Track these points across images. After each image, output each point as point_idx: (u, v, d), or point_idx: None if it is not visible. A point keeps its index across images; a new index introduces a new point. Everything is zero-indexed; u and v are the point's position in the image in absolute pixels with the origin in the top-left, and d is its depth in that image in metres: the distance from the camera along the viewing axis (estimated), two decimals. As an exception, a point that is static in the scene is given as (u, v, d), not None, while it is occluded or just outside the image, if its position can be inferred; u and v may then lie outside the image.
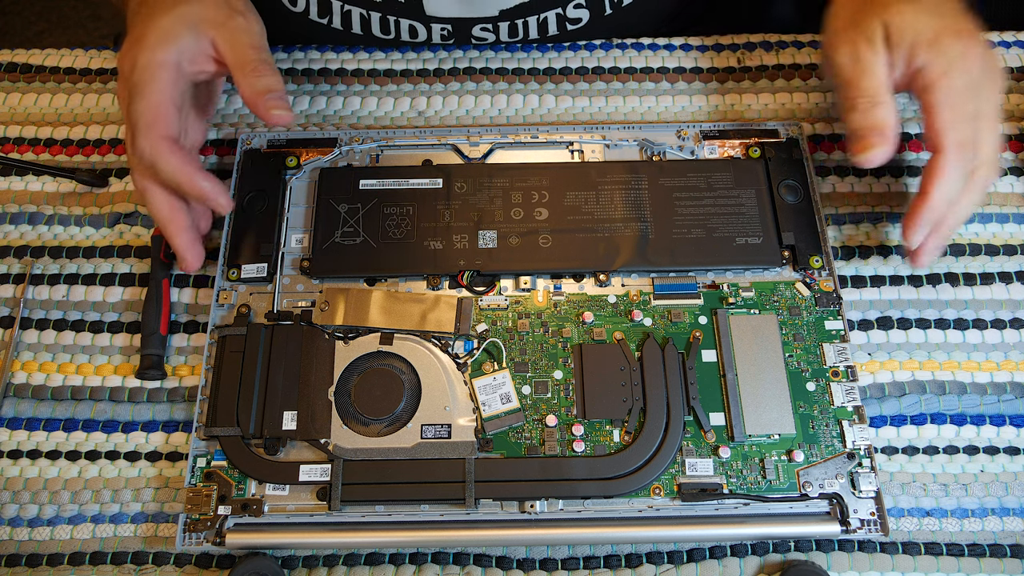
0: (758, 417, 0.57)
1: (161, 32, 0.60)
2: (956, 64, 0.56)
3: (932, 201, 0.56)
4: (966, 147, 0.56)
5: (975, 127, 0.56)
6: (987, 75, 0.57)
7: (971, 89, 0.56)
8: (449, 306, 0.61)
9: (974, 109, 0.56)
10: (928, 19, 0.57)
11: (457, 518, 0.56)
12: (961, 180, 0.56)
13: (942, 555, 0.57)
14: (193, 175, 0.59)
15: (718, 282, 0.62)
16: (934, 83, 0.56)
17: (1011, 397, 0.61)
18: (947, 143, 0.56)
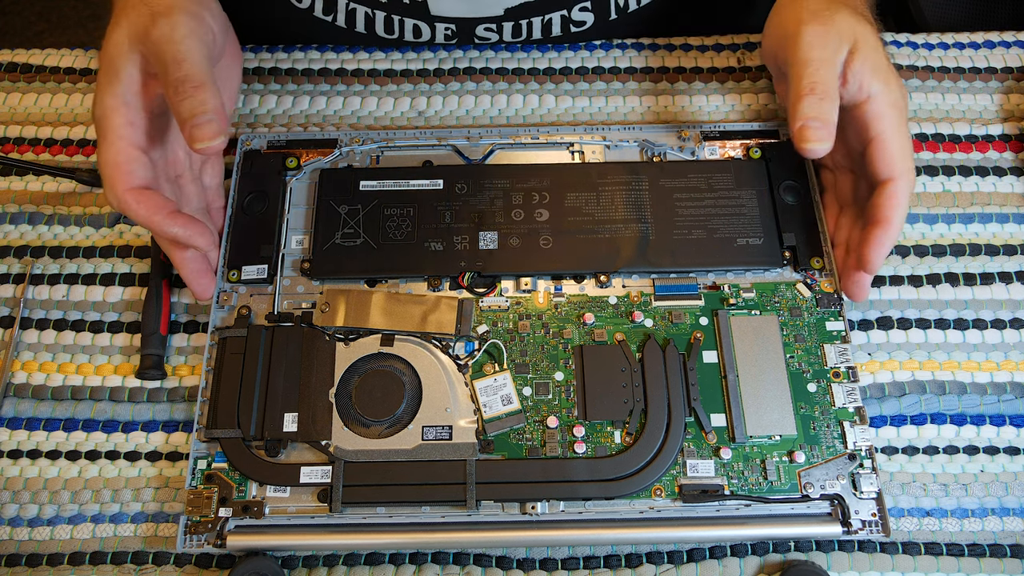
0: (759, 418, 0.57)
1: (105, 67, 0.57)
2: (900, 99, 0.59)
3: (895, 227, 0.57)
4: (913, 172, 0.58)
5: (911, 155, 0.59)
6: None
7: (905, 122, 0.59)
8: (450, 307, 0.61)
9: (909, 139, 0.59)
10: (882, 54, 0.60)
11: (458, 520, 0.56)
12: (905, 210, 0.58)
13: (942, 555, 0.56)
14: (163, 223, 0.56)
15: (719, 283, 0.62)
16: (885, 113, 0.58)
17: (1011, 397, 0.61)
18: (901, 169, 0.57)
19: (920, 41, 0.74)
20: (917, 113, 0.71)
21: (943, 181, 0.68)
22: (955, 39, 0.75)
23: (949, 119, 0.70)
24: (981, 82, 0.72)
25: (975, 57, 0.73)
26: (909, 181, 0.58)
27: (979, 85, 0.72)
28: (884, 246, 0.57)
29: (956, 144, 0.69)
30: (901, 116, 0.59)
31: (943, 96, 0.72)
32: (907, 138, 0.59)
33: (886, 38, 0.74)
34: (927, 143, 0.69)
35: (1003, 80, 0.72)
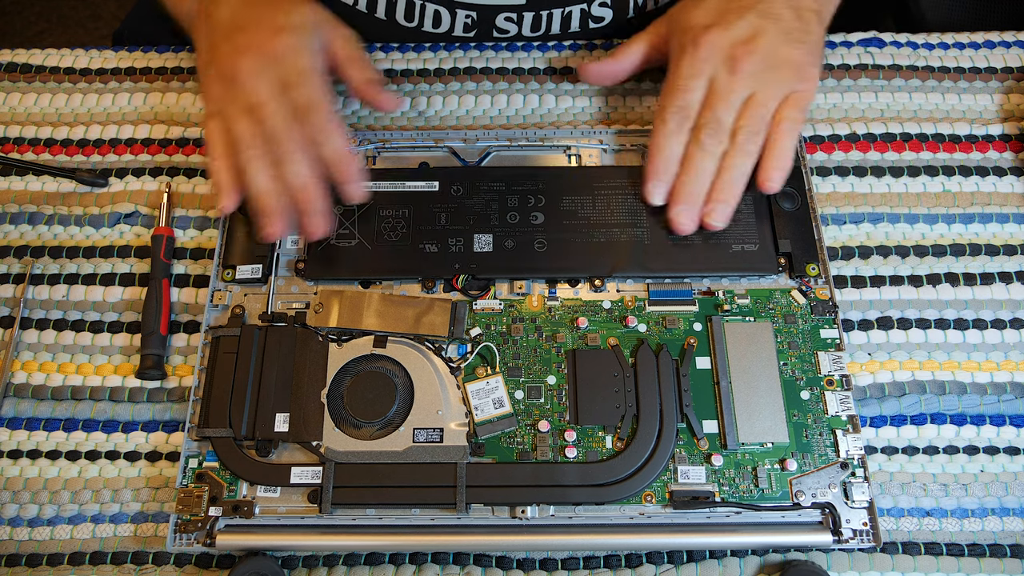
0: (751, 425, 0.57)
1: (298, 22, 0.63)
2: (685, 50, 0.64)
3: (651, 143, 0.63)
4: (664, 111, 0.63)
5: (675, 96, 0.63)
6: (727, 54, 0.63)
7: (689, 71, 0.63)
8: (443, 310, 0.61)
9: (683, 84, 0.63)
10: (697, 11, 0.65)
11: (448, 522, 0.56)
12: (669, 141, 0.62)
13: (942, 555, 0.56)
14: (352, 159, 0.61)
15: (713, 289, 0.62)
16: (673, 59, 0.65)
17: (1011, 397, 0.60)
18: (658, 106, 0.64)
19: (920, 41, 0.74)
20: (917, 113, 0.70)
21: (943, 181, 0.67)
22: (955, 39, 0.74)
23: (949, 119, 0.70)
24: (981, 82, 0.72)
25: (975, 57, 0.73)
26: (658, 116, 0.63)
27: (979, 85, 0.71)
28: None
29: (956, 144, 0.69)
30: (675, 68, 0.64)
31: (943, 96, 0.71)
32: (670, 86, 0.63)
33: (885, 38, 0.74)
34: (927, 143, 0.69)
35: (1003, 80, 0.72)
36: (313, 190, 0.60)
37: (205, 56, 0.64)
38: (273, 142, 0.59)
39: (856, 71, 0.72)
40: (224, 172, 0.61)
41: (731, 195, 0.61)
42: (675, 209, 0.61)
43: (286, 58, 0.61)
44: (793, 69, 0.62)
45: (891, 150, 0.69)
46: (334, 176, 0.61)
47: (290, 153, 0.60)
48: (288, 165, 0.60)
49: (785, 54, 0.62)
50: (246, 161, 0.60)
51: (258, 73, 0.60)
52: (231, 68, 0.61)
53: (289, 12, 0.63)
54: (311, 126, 0.60)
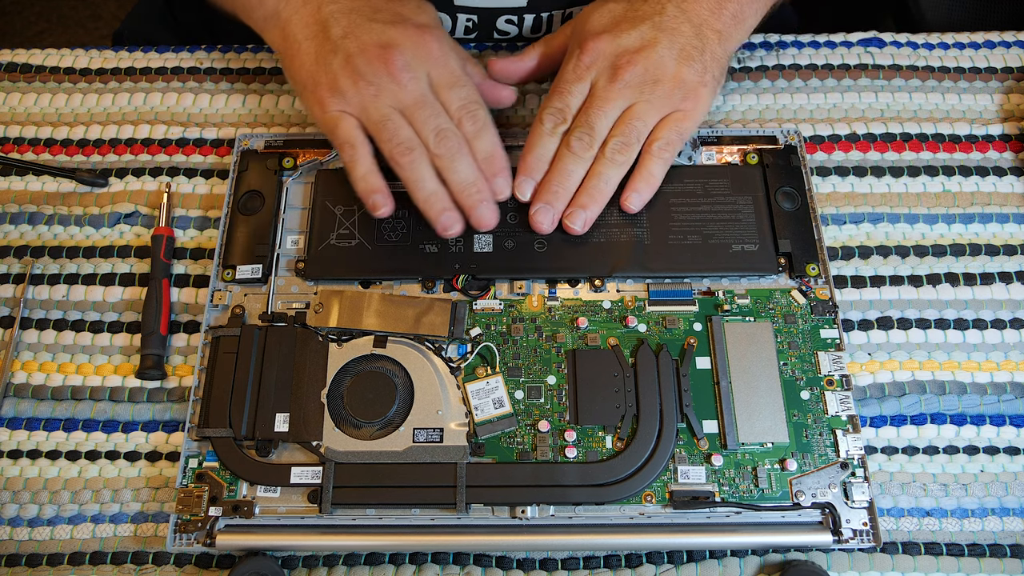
0: (751, 425, 0.57)
1: (436, 20, 0.64)
2: (571, 52, 0.64)
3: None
4: (543, 115, 0.63)
5: (554, 100, 0.63)
6: (614, 63, 0.62)
7: (570, 75, 0.63)
8: (443, 310, 0.61)
9: (562, 88, 0.63)
10: (596, 17, 0.65)
11: (448, 522, 0.56)
12: (543, 147, 0.63)
13: (942, 555, 0.56)
14: (504, 155, 0.62)
15: (713, 289, 0.62)
16: (563, 64, 0.65)
17: (1011, 397, 0.61)
18: (540, 107, 0.64)
19: (920, 41, 0.74)
20: (917, 113, 0.70)
21: (943, 181, 0.67)
22: (955, 39, 0.74)
23: (949, 119, 0.70)
24: (981, 82, 0.72)
25: (975, 57, 0.73)
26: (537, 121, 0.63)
27: (979, 85, 0.72)
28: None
29: (956, 144, 0.69)
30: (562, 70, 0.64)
31: (943, 96, 0.71)
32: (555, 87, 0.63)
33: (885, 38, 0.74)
34: (927, 143, 0.69)
35: (1003, 80, 0.72)
36: (483, 184, 0.61)
37: (319, 46, 0.62)
38: (440, 141, 0.60)
39: (856, 71, 0.72)
40: (375, 175, 0.61)
41: (593, 202, 0.61)
42: (535, 207, 0.62)
43: (438, 57, 0.61)
44: (679, 86, 0.62)
45: (891, 150, 0.69)
46: (487, 170, 0.61)
47: (458, 151, 0.60)
48: (457, 163, 0.60)
49: (673, 70, 0.61)
50: (411, 161, 0.60)
51: (413, 69, 0.60)
52: (381, 63, 0.60)
53: (424, 9, 0.64)
54: (472, 123, 0.61)
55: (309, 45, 0.62)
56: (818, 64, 0.73)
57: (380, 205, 0.61)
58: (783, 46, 0.74)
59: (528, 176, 0.62)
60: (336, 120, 0.61)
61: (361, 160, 0.61)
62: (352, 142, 0.61)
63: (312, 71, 0.62)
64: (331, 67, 0.61)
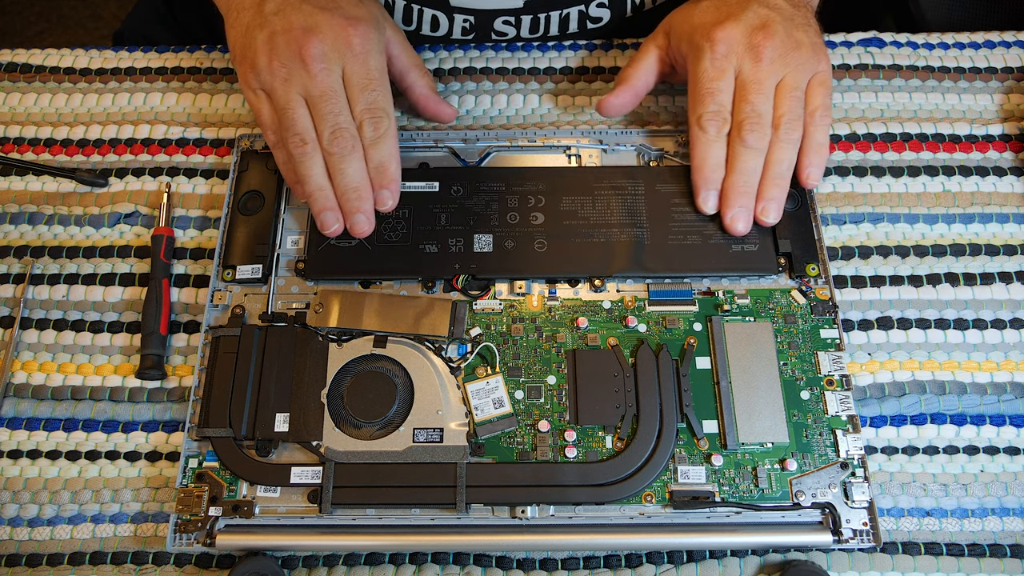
0: (751, 425, 0.57)
1: (370, 15, 0.62)
2: (699, 51, 0.63)
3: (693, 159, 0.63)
4: (702, 120, 0.62)
5: (708, 102, 0.62)
6: (743, 45, 0.62)
7: (710, 70, 0.62)
8: (443, 310, 0.61)
9: (711, 87, 0.62)
10: (699, 14, 0.65)
11: (448, 522, 0.56)
12: (707, 149, 0.62)
13: (942, 555, 0.56)
14: (398, 168, 0.62)
15: (713, 289, 0.62)
16: (688, 71, 0.64)
17: (1011, 397, 0.61)
18: (689, 118, 0.63)
19: (920, 41, 0.74)
20: (917, 113, 0.70)
21: (943, 181, 0.67)
22: (955, 39, 0.74)
23: (949, 119, 0.70)
24: (981, 82, 0.72)
25: (975, 57, 0.73)
26: (695, 126, 0.62)
27: (979, 85, 0.72)
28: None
29: (956, 144, 0.69)
30: (696, 69, 0.63)
31: (943, 96, 0.71)
32: (698, 88, 0.62)
33: (885, 38, 0.74)
34: (927, 143, 0.69)
35: (1003, 80, 0.72)
36: (365, 192, 0.61)
37: (252, 17, 0.62)
38: (335, 138, 0.59)
39: (856, 71, 0.72)
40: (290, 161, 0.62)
41: (782, 190, 0.61)
42: (730, 213, 0.61)
43: (358, 53, 0.60)
44: (810, 49, 0.62)
45: (891, 150, 0.69)
46: (376, 180, 0.61)
47: (349, 152, 0.60)
48: (346, 164, 0.60)
49: (799, 36, 0.62)
50: (303, 154, 0.60)
51: (328, 61, 0.59)
52: (297, 47, 0.59)
53: (363, 1, 0.63)
54: (372, 129, 0.60)
55: (245, 15, 0.62)
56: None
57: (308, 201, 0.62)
58: (783, 46, 0.74)
59: (710, 189, 0.62)
60: (251, 96, 0.62)
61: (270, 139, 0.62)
62: (260, 122, 0.62)
63: (241, 43, 0.62)
64: (255, 41, 0.60)
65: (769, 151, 0.61)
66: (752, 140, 0.60)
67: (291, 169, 0.61)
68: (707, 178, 0.62)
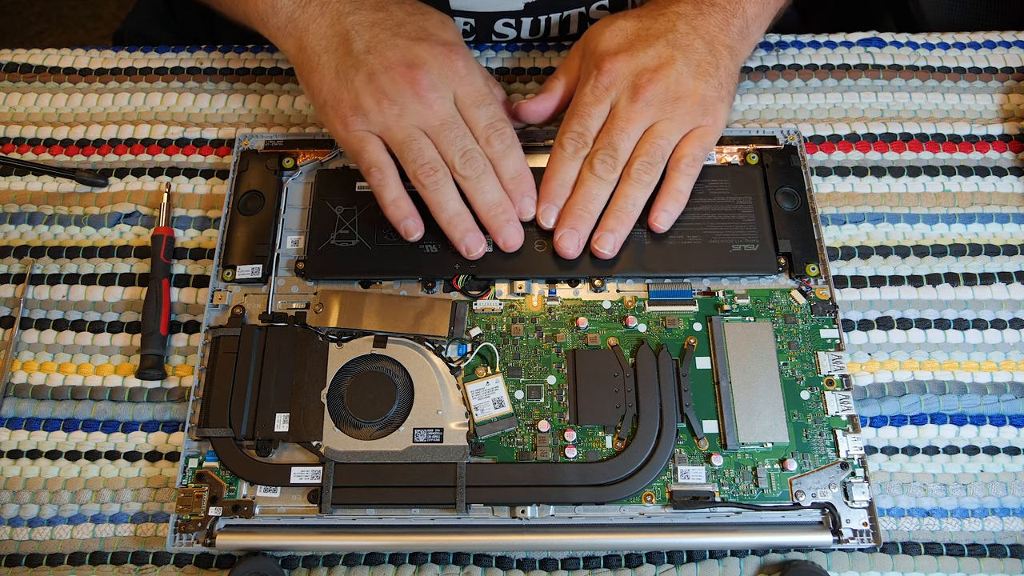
0: (751, 425, 0.57)
1: (459, 37, 0.63)
2: (588, 74, 0.63)
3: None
4: (563, 136, 0.62)
5: (572, 123, 0.62)
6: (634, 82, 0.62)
7: (599, 94, 0.62)
8: (443, 310, 0.61)
9: (581, 109, 0.62)
10: (608, 35, 0.64)
11: (448, 522, 0.56)
12: (566, 165, 0.62)
13: (942, 555, 0.56)
14: (530, 175, 0.62)
15: (713, 289, 0.62)
16: (580, 84, 0.65)
17: (1011, 397, 0.61)
18: (559, 131, 0.63)
19: (920, 41, 0.74)
20: (917, 113, 0.70)
21: (943, 181, 0.67)
22: (955, 39, 0.74)
23: (949, 119, 0.70)
24: (981, 82, 0.72)
25: (975, 57, 0.73)
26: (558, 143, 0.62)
27: (979, 85, 0.72)
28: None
29: (956, 144, 0.69)
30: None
31: (943, 96, 0.71)
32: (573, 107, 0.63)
33: (885, 38, 0.74)
34: (927, 143, 0.69)
35: (1003, 80, 0.72)
36: (508, 204, 0.60)
37: (340, 59, 0.60)
38: (466, 162, 0.59)
39: (856, 71, 0.72)
40: (405, 199, 0.61)
41: (621, 224, 0.61)
42: (559, 232, 0.61)
43: (465, 76, 0.60)
44: (699, 103, 0.61)
45: (891, 150, 0.69)
46: (514, 190, 0.61)
47: (483, 172, 0.60)
48: (482, 185, 0.60)
49: (692, 87, 0.61)
50: (435, 182, 0.59)
51: (439, 89, 0.59)
52: (406, 82, 0.59)
53: (448, 25, 0.64)
54: (499, 143, 0.60)
55: (329, 59, 0.61)
56: (818, 64, 0.73)
57: (413, 231, 0.61)
58: (783, 46, 0.74)
59: (551, 202, 0.61)
60: (361, 141, 0.60)
61: (390, 185, 0.60)
62: (379, 166, 0.60)
63: (333, 87, 0.60)
64: (353, 84, 0.59)
65: (618, 186, 0.61)
66: (600, 170, 0.60)
67: (398, 206, 0.61)
68: (552, 192, 0.61)
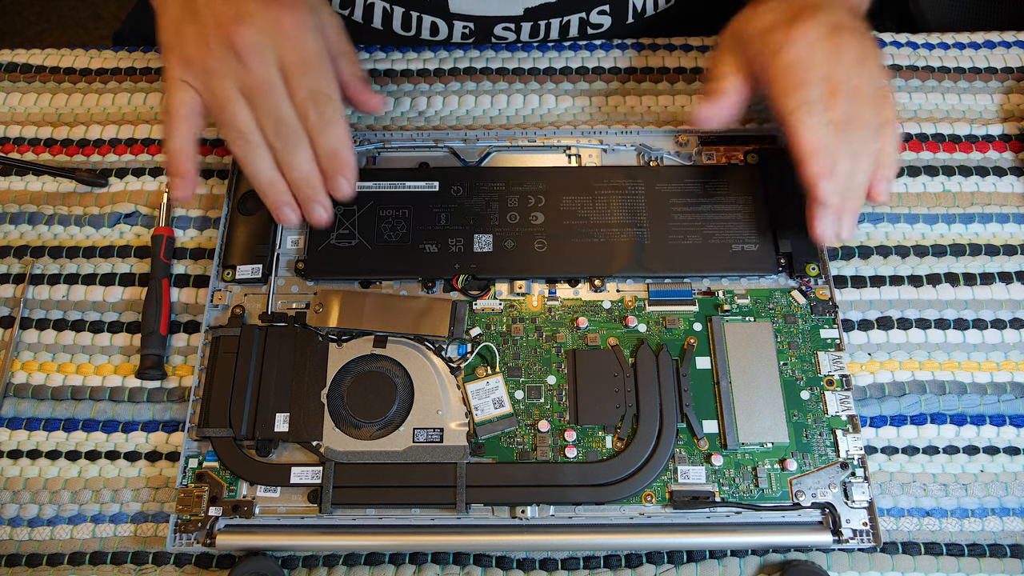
0: (751, 425, 0.57)
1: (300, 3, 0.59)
2: (785, 44, 0.56)
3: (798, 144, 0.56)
4: (813, 105, 0.55)
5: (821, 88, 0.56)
6: (825, 45, 0.57)
7: (807, 59, 0.56)
8: (443, 310, 0.61)
9: (821, 74, 0.56)
10: (766, 14, 0.59)
11: (448, 522, 0.56)
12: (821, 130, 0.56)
13: (942, 555, 0.56)
14: (351, 152, 0.60)
15: (713, 289, 0.62)
16: (769, 62, 0.57)
17: (1011, 397, 0.61)
18: (788, 107, 0.56)
19: (920, 41, 0.74)
20: (917, 113, 0.70)
21: (943, 181, 0.67)
22: (955, 39, 0.74)
23: (949, 119, 0.70)
24: (981, 82, 0.72)
25: (975, 57, 0.73)
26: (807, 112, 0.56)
27: (979, 85, 0.72)
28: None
29: (956, 144, 0.69)
30: (785, 59, 0.56)
31: (943, 96, 0.71)
32: (800, 76, 0.56)
33: (885, 38, 0.74)
34: (927, 143, 0.69)
35: (1003, 80, 0.72)
36: (317, 181, 0.59)
37: (181, 9, 0.58)
38: (279, 131, 0.57)
39: (856, 71, 0.72)
40: (187, 155, 0.58)
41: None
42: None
43: (293, 37, 0.57)
44: (876, 61, 0.58)
45: (891, 150, 0.69)
46: (328, 168, 0.59)
47: (296, 144, 0.57)
48: (293, 156, 0.58)
49: (868, 47, 0.58)
50: (247, 151, 0.57)
51: (261, 49, 0.56)
52: (226, 36, 0.56)
53: None
54: (317, 116, 0.57)
55: (174, 8, 0.58)
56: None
57: (175, 188, 0.58)
58: (783, 46, 0.74)
59: (831, 178, 0.56)
60: (173, 88, 0.58)
61: (174, 136, 0.58)
62: (173, 112, 0.57)
63: (170, 33, 0.58)
64: (185, 33, 0.57)
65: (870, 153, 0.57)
66: (855, 138, 0.56)
67: (179, 161, 0.58)
68: (826, 168, 0.56)
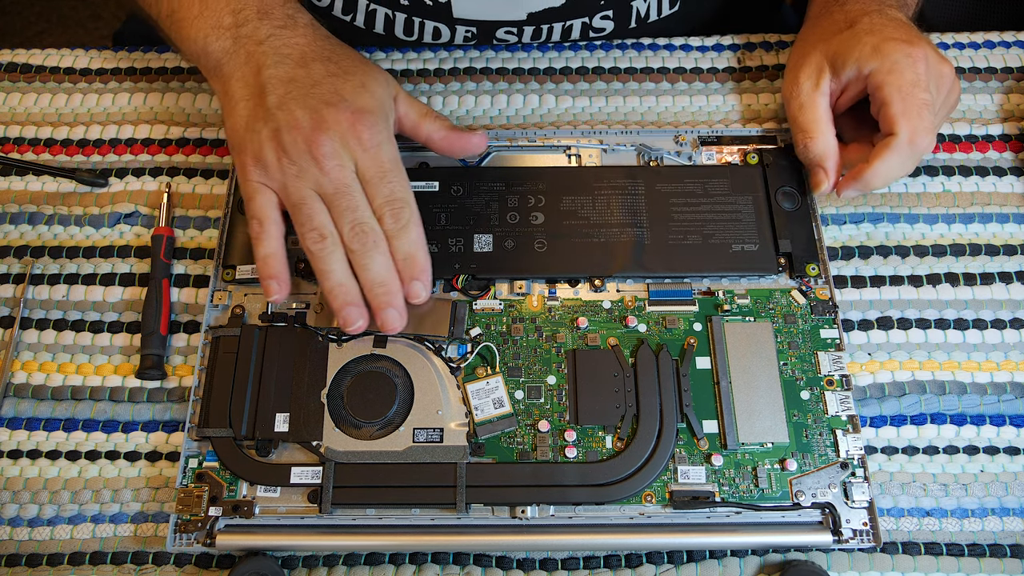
0: (751, 425, 0.57)
1: (378, 100, 0.60)
2: (901, 63, 0.60)
3: (871, 173, 0.61)
4: (918, 133, 0.59)
5: (925, 115, 0.60)
6: (934, 71, 0.61)
7: (919, 83, 0.60)
8: (443, 310, 0.61)
9: (926, 98, 0.60)
10: (866, 36, 0.62)
11: (448, 522, 0.56)
12: (902, 163, 0.60)
13: (942, 555, 0.56)
14: (427, 257, 0.60)
15: (713, 289, 0.62)
16: (883, 80, 0.60)
17: (1011, 397, 0.61)
18: (899, 128, 0.59)
19: (921, 41, 0.74)
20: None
21: (943, 181, 0.67)
22: (955, 39, 0.74)
23: (949, 119, 0.70)
24: (981, 82, 0.72)
25: (975, 57, 0.73)
26: (909, 142, 0.59)
27: (979, 85, 0.72)
28: (855, 187, 0.62)
29: (956, 144, 0.69)
30: (900, 80, 0.60)
31: (943, 96, 0.71)
32: (912, 99, 0.59)
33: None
34: (927, 143, 0.69)
35: (1003, 80, 0.72)
36: (395, 285, 0.58)
37: (253, 109, 0.59)
38: (356, 233, 0.57)
39: (856, 71, 0.72)
40: (277, 259, 0.59)
41: None
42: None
43: (369, 147, 0.58)
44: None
45: (891, 150, 0.69)
46: (405, 271, 0.58)
47: (374, 246, 0.57)
48: (370, 259, 0.57)
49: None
50: (322, 248, 0.57)
51: (340, 157, 0.57)
52: (305, 142, 0.57)
53: (367, 89, 0.60)
54: (394, 220, 0.58)
55: (244, 107, 0.59)
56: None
57: (273, 292, 0.58)
58: (783, 46, 0.74)
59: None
60: (254, 191, 0.59)
61: (267, 240, 0.58)
62: (261, 219, 0.58)
63: (241, 134, 0.59)
64: (259, 135, 0.58)
65: None
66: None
67: (267, 263, 0.59)
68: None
